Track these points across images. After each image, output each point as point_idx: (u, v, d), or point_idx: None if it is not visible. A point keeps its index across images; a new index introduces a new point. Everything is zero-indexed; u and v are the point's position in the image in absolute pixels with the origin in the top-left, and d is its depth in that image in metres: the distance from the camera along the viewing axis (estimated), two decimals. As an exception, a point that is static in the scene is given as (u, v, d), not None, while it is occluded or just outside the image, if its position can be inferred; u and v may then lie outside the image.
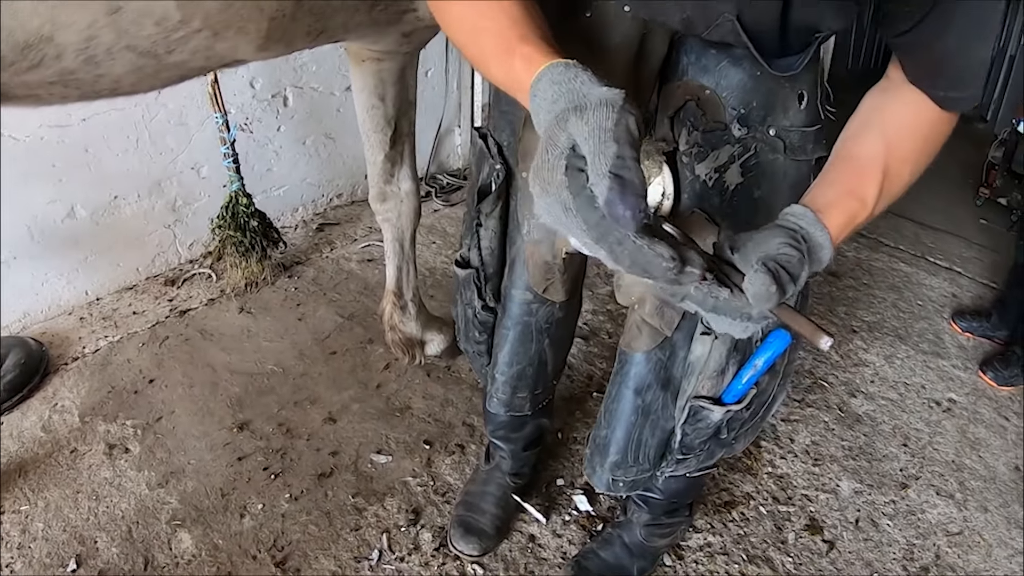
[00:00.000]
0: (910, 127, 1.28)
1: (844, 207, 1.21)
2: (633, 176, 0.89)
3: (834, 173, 1.29)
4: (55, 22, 1.28)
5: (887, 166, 1.24)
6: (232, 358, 3.09)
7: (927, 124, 1.28)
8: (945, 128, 1.29)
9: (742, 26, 1.21)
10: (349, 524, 2.42)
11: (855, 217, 1.22)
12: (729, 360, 1.55)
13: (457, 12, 1.19)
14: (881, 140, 1.26)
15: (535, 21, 1.13)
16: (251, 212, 3.40)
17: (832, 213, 1.18)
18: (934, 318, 3.67)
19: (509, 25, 1.11)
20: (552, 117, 0.95)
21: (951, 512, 2.63)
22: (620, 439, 1.74)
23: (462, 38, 1.22)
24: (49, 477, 2.55)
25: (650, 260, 0.92)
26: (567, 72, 0.99)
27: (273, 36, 1.57)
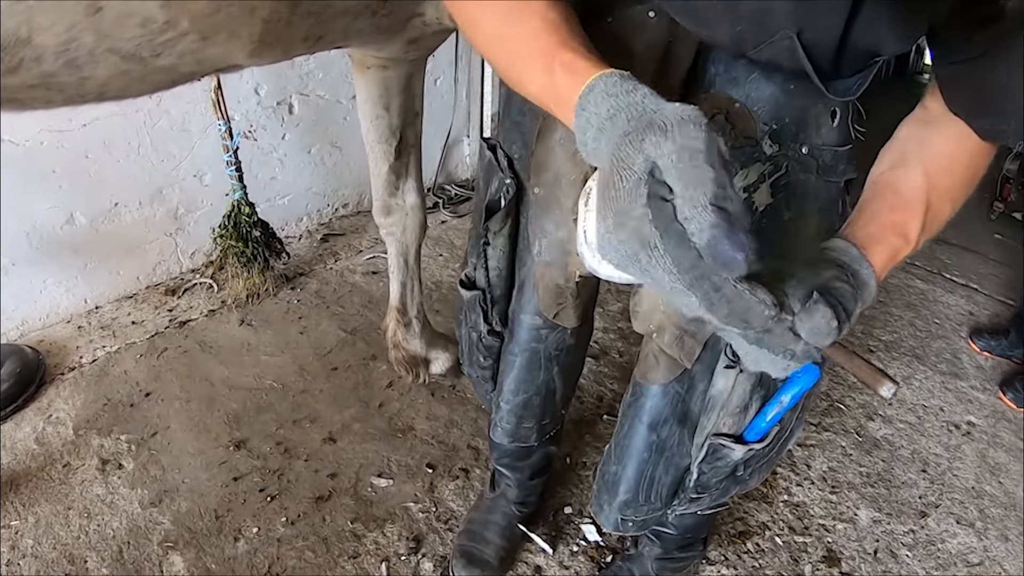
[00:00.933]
0: (951, 161, 1.21)
1: (888, 243, 1.14)
2: (739, 209, 0.76)
3: (875, 206, 1.20)
4: (32, 24, 1.21)
5: (929, 202, 1.17)
6: (231, 372, 3.03)
7: (967, 155, 1.21)
8: (986, 158, 1.22)
9: (802, 44, 1.09)
10: (347, 551, 2.34)
11: (897, 254, 1.15)
12: (753, 396, 1.47)
13: (478, 14, 1.09)
14: (923, 175, 1.19)
15: (572, 24, 1.03)
16: (254, 221, 3.34)
17: (875, 249, 1.11)
18: (951, 337, 3.61)
19: (544, 28, 1.01)
20: (620, 135, 0.82)
21: (971, 542, 2.56)
22: (631, 477, 1.66)
23: (485, 43, 1.12)
24: (41, 492, 2.49)
25: (751, 308, 0.81)
26: (624, 84, 0.88)
27: (267, 41, 1.49)
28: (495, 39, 1.09)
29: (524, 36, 1.02)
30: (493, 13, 1.07)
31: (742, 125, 1.36)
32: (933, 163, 1.20)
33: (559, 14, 1.02)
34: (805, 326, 0.93)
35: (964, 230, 4.55)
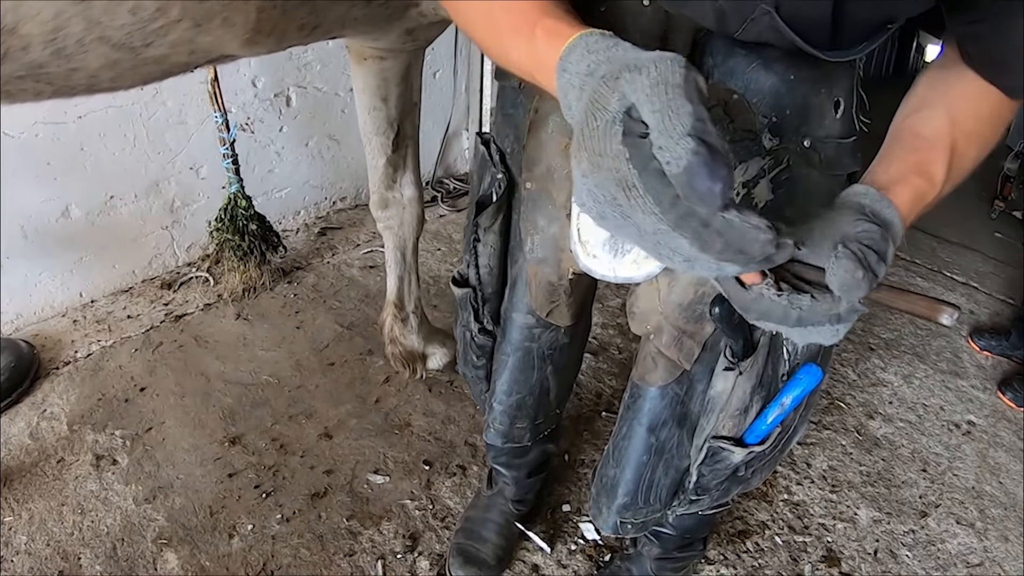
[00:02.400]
0: (976, 104, 1.16)
1: (911, 184, 1.08)
2: (717, 140, 0.71)
3: (896, 150, 1.15)
4: (17, 12, 1.18)
5: (955, 143, 1.12)
6: (226, 367, 3.01)
7: (993, 101, 1.16)
8: (1008, 113, 1.18)
9: (782, 19, 1.05)
10: (343, 549, 2.33)
11: (924, 196, 1.09)
12: (753, 398, 1.44)
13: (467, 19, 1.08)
14: (946, 117, 1.14)
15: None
16: (250, 215, 3.32)
17: (898, 189, 1.05)
18: (952, 336, 3.60)
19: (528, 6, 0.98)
20: (596, 81, 0.79)
21: (971, 542, 2.54)
22: (630, 480, 1.63)
23: (470, 17, 1.09)
24: (34, 487, 2.47)
25: (747, 236, 0.77)
26: (604, 40, 0.84)
27: (262, 29, 1.46)
28: (479, 11, 1.06)
29: (507, 6, 1.00)
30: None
31: (740, 118, 1.34)
32: (957, 105, 1.16)
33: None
34: (835, 283, 0.90)
35: (964, 229, 4.55)
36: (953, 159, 1.11)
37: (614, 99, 0.76)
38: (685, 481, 1.63)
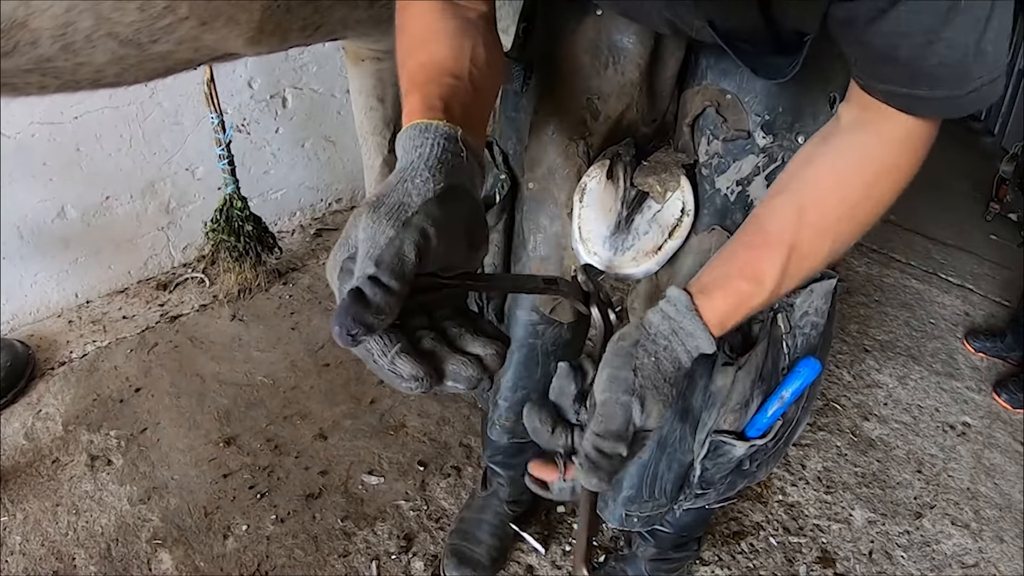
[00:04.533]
0: (837, 187, 1.09)
1: (733, 289, 1.09)
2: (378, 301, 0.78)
3: (736, 243, 1.15)
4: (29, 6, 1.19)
5: (796, 241, 1.08)
6: (222, 368, 3.00)
7: (863, 178, 1.08)
8: (891, 180, 1.08)
9: (717, 31, 1.06)
10: (337, 549, 2.33)
11: (748, 299, 1.09)
12: (754, 391, 1.45)
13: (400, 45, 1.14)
14: (794, 210, 1.09)
15: (449, 68, 1.05)
16: (246, 216, 3.31)
17: (716, 296, 1.08)
18: (947, 337, 3.60)
19: (421, 68, 1.06)
20: (364, 203, 0.86)
21: (966, 543, 2.55)
22: (634, 474, 1.64)
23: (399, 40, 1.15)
24: (29, 488, 2.47)
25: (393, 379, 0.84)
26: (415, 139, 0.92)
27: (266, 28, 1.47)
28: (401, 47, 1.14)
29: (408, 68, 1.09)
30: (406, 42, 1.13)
31: (734, 117, 1.35)
32: (811, 196, 1.10)
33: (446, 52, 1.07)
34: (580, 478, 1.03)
35: (960, 231, 4.55)
36: (793, 258, 1.08)
37: (352, 233, 0.84)
38: (690, 475, 1.64)
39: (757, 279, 1.08)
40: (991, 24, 0.87)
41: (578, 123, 1.49)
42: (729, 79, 1.35)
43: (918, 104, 0.98)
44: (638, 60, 1.41)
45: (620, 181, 1.45)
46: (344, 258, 0.85)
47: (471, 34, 1.10)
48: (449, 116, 0.96)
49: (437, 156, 0.90)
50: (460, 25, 1.10)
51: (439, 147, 0.91)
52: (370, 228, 0.82)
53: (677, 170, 1.40)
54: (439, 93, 1.00)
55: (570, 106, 1.48)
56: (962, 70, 0.91)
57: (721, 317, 1.07)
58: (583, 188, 1.47)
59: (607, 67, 1.43)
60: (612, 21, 1.39)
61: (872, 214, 1.10)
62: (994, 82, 0.93)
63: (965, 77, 0.92)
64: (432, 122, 0.93)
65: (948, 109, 0.97)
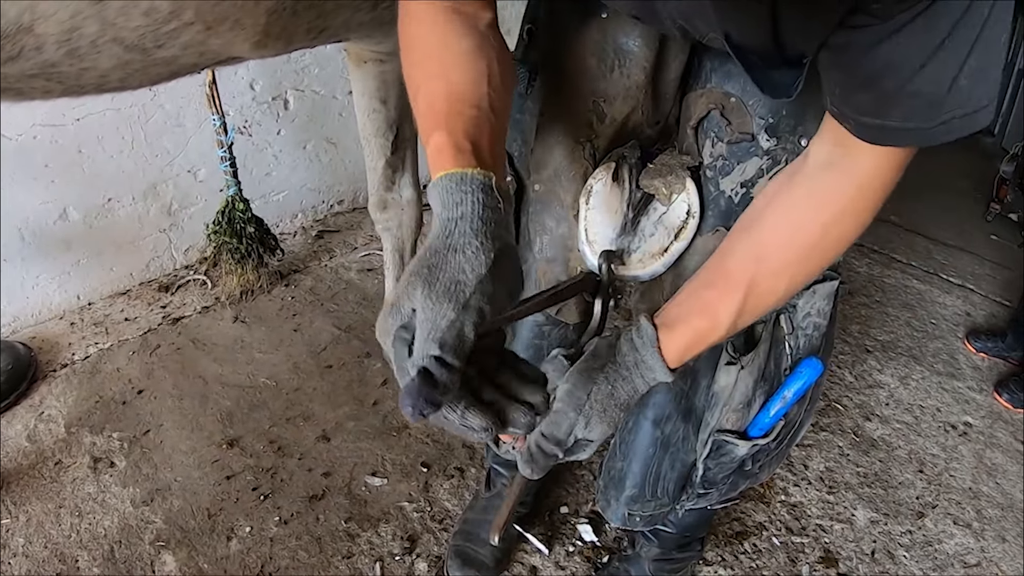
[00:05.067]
0: (798, 231, 1.11)
1: (692, 326, 1.15)
2: (444, 380, 0.86)
3: (699, 282, 1.20)
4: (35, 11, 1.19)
5: (753, 283, 1.12)
6: (224, 370, 3.00)
7: (822, 222, 1.10)
8: (862, 206, 1.10)
9: (731, 44, 1.07)
10: (341, 551, 2.32)
11: (705, 336, 1.15)
12: (756, 391, 1.45)
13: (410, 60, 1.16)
14: (752, 254, 1.14)
15: (470, 97, 1.08)
16: (248, 218, 3.32)
17: (677, 331, 1.15)
18: (948, 337, 3.60)
19: (443, 98, 1.07)
20: (408, 273, 0.93)
21: (968, 542, 2.55)
22: (637, 472, 1.64)
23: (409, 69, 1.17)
24: (32, 490, 2.47)
25: (462, 429, 0.95)
26: (454, 195, 0.96)
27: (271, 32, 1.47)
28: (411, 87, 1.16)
29: (424, 98, 1.10)
30: (415, 68, 1.15)
31: (738, 120, 1.36)
32: (769, 238, 1.13)
33: (463, 81, 1.09)
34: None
35: (960, 231, 4.55)
36: (749, 298, 1.13)
37: (407, 305, 0.91)
38: (692, 475, 1.64)
39: (714, 318, 1.14)
40: (969, 61, 0.88)
41: (584, 125, 1.49)
42: (733, 82, 1.36)
43: (887, 134, 0.99)
44: (643, 63, 1.41)
45: (626, 183, 1.46)
46: (397, 327, 0.91)
47: (486, 51, 1.12)
48: (478, 156, 1.00)
49: (480, 216, 0.95)
50: (475, 43, 1.12)
51: (479, 203, 0.95)
52: (429, 309, 0.88)
53: (682, 172, 1.41)
54: (464, 129, 1.03)
55: (576, 108, 1.49)
56: (936, 103, 0.92)
57: (679, 352, 1.13)
58: (589, 190, 1.48)
59: (613, 70, 1.44)
60: (617, 24, 1.39)
61: (830, 253, 1.14)
62: (968, 117, 0.93)
63: (937, 110, 0.93)
64: (467, 172, 0.97)
65: (916, 140, 0.99)
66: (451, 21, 1.12)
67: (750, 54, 1.07)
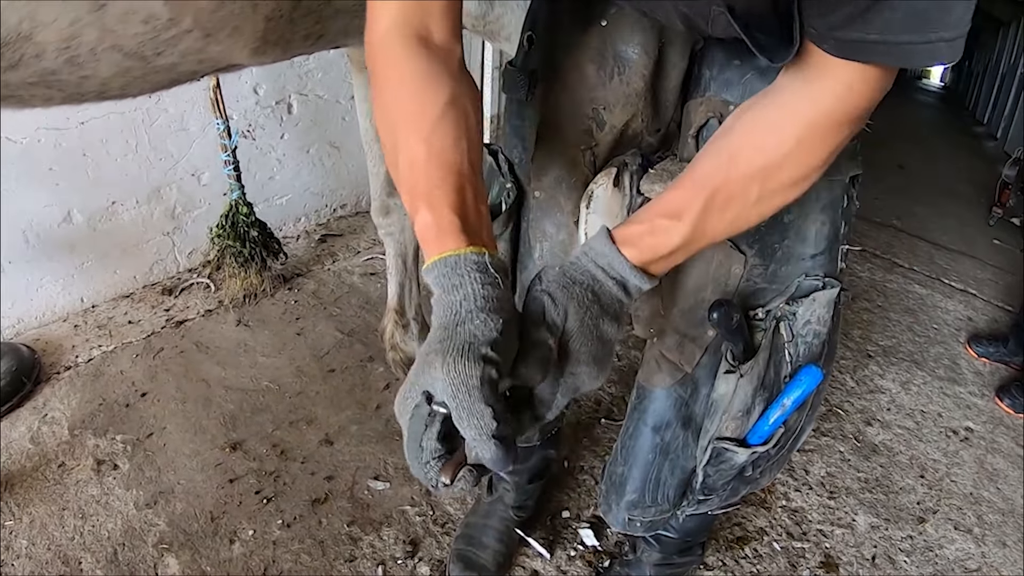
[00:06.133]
0: (771, 134, 1.08)
1: (650, 223, 1.11)
2: (510, 431, 0.92)
3: (666, 189, 1.16)
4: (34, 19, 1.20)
5: (722, 184, 1.08)
6: (227, 373, 3.01)
7: (804, 121, 1.06)
8: (838, 117, 1.05)
9: (735, 17, 1.05)
10: (343, 554, 2.32)
11: (664, 231, 1.10)
12: (755, 399, 1.45)
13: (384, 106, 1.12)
14: (724, 156, 1.11)
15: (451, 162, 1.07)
16: (251, 221, 3.33)
17: (633, 224, 1.12)
18: (950, 342, 3.61)
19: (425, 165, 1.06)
20: (423, 354, 0.96)
21: (969, 548, 2.55)
22: (637, 478, 1.65)
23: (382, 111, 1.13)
24: (35, 492, 2.47)
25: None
26: (451, 278, 0.99)
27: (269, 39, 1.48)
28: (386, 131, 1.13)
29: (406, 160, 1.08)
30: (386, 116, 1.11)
31: None
32: (742, 140, 1.10)
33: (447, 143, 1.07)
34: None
35: (963, 235, 4.56)
36: (716, 199, 1.08)
37: (424, 380, 0.93)
38: (692, 481, 1.64)
39: (675, 215, 1.09)
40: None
41: (584, 133, 1.49)
42: (731, 90, 1.36)
43: (867, 49, 0.95)
44: (643, 70, 1.42)
45: (626, 189, 1.46)
46: (414, 405, 0.94)
47: (461, 102, 1.11)
48: (467, 230, 1.02)
49: (481, 295, 0.97)
50: (451, 93, 1.10)
51: (478, 283, 0.98)
52: (453, 371, 0.90)
53: None
54: (450, 203, 1.03)
55: (576, 116, 1.49)
56: (919, 15, 0.89)
57: (635, 242, 1.10)
58: (590, 195, 1.48)
59: (612, 77, 1.44)
60: (617, 31, 1.40)
61: (803, 166, 1.09)
62: (953, 42, 0.90)
63: (922, 26, 0.89)
64: (460, 254, 0.99)
65: (897, 57, 0.95)
66: (424, 66, 1.10)
67: (754, 28, 1.06)
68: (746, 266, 1.39)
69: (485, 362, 0.91)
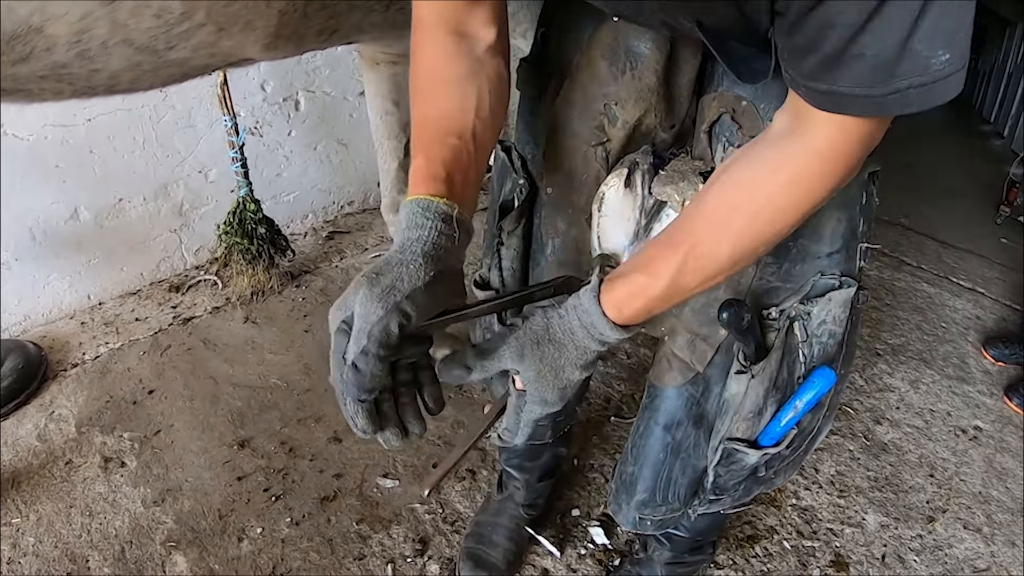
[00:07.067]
0: (744, 192, 1.09)
1: (631, 279, 1.15)
2: (366, 371, 0.99)
3: (651, 242, 1.22)
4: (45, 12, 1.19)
5: (696, 242, 1.11)
6: (235, 370, 3.00)
7: (780, 180, 1.06)
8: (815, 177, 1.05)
9: (705, 31, 1.10)
10: (352, 552, 2.33)
11: (644, 289, 1.14)
12: (767, 400, 1.44)
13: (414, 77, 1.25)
14: (696, 214, 1.14)
15: (453, 126, 1.18)
16: (259, 218, 3.31)
17: (617, 282, 1.16)
18: (958, 341, 3.58)
19: (429, 123, 1.19)
20: (360, 274, 1.05)
21: (978, 547, 2.54)
22: (648, 477, 1.64)
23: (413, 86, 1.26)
24: (42, 489, 2.48)
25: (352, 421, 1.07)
26: (417, 218, 1.08)
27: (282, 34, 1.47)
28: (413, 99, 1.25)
29: (421, 116, 1.22)
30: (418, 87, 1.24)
31: (749, 124, 1.35)
32: (717, 199, 1.12)
33: (453, 105, 1.20)
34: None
35: (970, 234, 4.53)
36: (690, 257, 1.11)
37: (350, 299, 1.03)
38: (703, 481, 1.63)
39: (654, 273, 1.13)
40: (923, 22, 0.84)
41: (596, 128, 1.49)
42: (744, 86, 1.34)
43: (838, 101, 0.95)
44: (655, 66, 1.40)
45: (638, 190, 1.45)
46: (340, 320, 1.04)
47: (478, 78, 1.21)
48: (450, 186, 1.12)
49: (433, 241, 1.07)
50: (468, 68, 1.21)
51: (435, 230, 1.07)
52: (363, 307, 1.00)
53: (695, 178, 1.40)
54: (443, 158, 1.14)
55: (588, 112, 1.48)
56: (884, 67, 0.88)
57: (617, 302, 1.14)
58: (601, 197, 1.47)
59: (624, 72, 1.43)
60: (629, 27, 1.39)
61: (776, 224, 1.10)
62: (926, 88, 0.89)
63: (888, 75, 0.88)
64: (433, 200, 1.09)
65: (868, 108, 0.94)
66: (449, 44, 1.21)
67: (731, 40, 1.10)
68: (759, 264, 1.38)
69: (396, 309, 1.00)
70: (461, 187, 1.14)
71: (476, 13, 1.22)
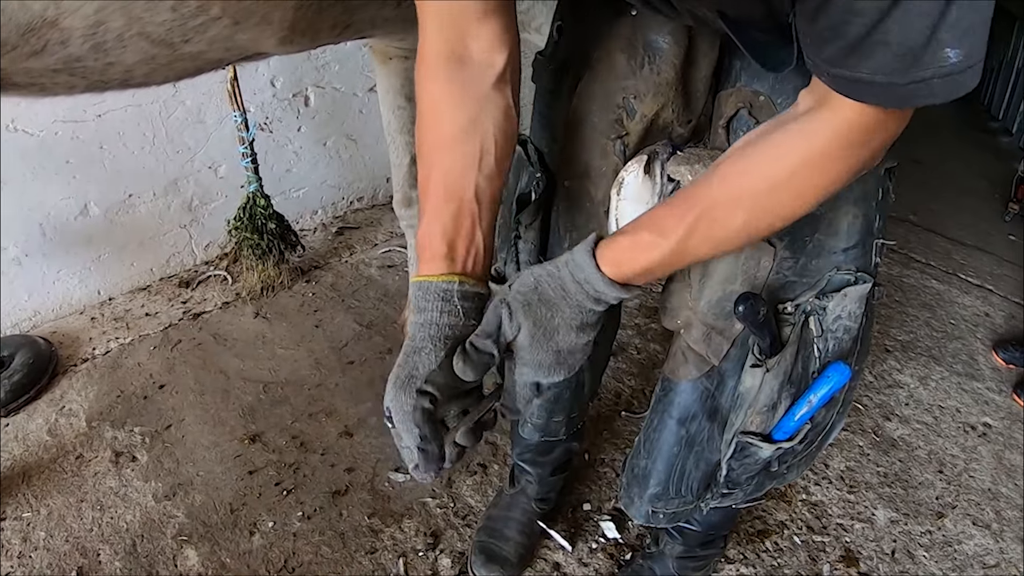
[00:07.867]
0: (766, 165, 1.07)
1: (635, 236, 1.15)
2: (434, 449, 1.13)
3: (661, 204, 1.24)
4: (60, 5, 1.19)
5: (709, 206, 1.09)
6: (245, 365, 3.01)
7: (801, 158, 1.05)
8: (835, 158, 1.04)
9: (727, 20, 1.09)
10: (364, 546, 2.33)
11: (647, 248, 1.13)
12: (782, 394, 1.43)
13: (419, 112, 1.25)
14: (717, 178, 1.11)
15: (454, 188, 1.19)
16: (269, 214, 3.33)
17: (619, 238, 1.16)
18: (967, 337, 3.58)
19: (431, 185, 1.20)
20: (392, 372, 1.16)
21: (987, 543, 2.53)
22: (661, 470, 1.63)
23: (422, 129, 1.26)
24: (53, 484, 2.49)
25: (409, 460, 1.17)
26: (420, 302, 1.17)
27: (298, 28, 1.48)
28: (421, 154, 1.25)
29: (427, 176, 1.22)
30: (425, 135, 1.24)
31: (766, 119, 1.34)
32: (738, 167, 1.10)
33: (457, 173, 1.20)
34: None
35: (978, 231, 4.53)
36: (701, 220, 1.09)
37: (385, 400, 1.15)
38: (716, 475, 1.63)
39: (661, 232, 1.12)
40: (949, 14, 0.83)
41: (614, 122, 1.49)
42: (762, 81, 1.35)
43: (859, 89, 0.94)
44: (673, 60, 1.41)
45: (657, 176, 1.45)
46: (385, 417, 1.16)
47: (483, 125, 1.20)
48: (451, 258, 1.18)
49: (436, 323, 1.15)
50: (473, 113, 1.19)
51: (437, 311, 1.16)
52: (394, 401, 1.13)
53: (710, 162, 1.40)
54: (443, 229, 1.18)
55: (606, 105, 1.48)
56: (909, 55, 0.86)
57: (615, 255, 1.14)
58: (621, 182, 1.47)
59: (643, 66, 1.43)
60: (647, 20, 1.39)
61: (793, 200, 1.08)
62: (951, 77, 0.87)
63: (912, 64, 0.87)
64: (431, 282, 1.16)
65: (890, 97, 0.93)
66: (454, 86, 1.19)
67: (753, 29, 1.09)
68: (776, 259, 1.38)
69: (419, 394, 1.12)
70: (465, 252, 1.19)
71: (483, 34, 1.18)
